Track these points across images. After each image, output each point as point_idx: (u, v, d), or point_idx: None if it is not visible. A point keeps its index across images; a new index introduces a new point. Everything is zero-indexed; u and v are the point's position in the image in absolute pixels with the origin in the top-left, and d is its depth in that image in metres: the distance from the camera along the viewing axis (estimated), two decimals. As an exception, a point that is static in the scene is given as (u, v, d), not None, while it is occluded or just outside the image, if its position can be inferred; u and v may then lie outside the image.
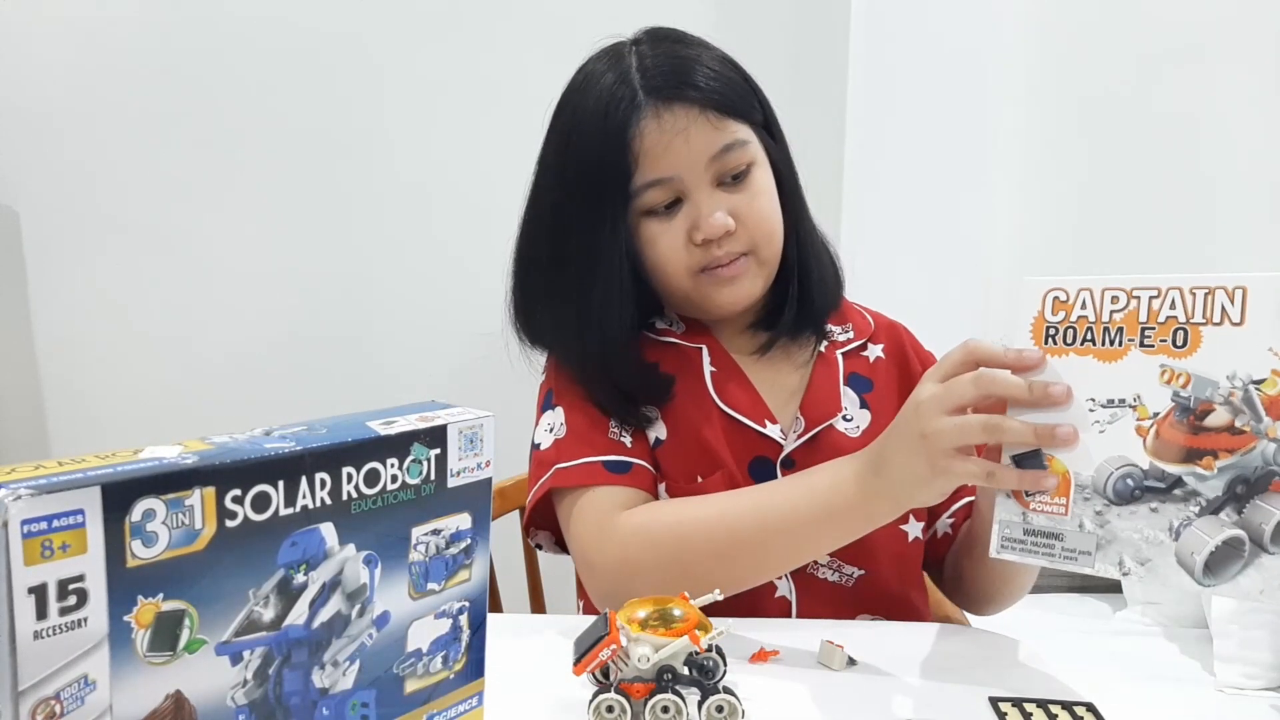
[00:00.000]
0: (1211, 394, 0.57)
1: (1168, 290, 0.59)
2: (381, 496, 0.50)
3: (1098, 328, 0.61)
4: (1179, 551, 0.57)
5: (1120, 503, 0.59)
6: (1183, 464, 0.58)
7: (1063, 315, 0.62)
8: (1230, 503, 0.56)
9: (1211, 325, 0.57)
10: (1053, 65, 1.69)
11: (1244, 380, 0.56)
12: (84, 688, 0.40)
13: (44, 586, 0.38)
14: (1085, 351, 0.61)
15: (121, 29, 1.72)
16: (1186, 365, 0.58)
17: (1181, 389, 0.58)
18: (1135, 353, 0.59)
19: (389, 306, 1.81)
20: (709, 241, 0.82)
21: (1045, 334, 0.62)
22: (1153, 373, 0.59)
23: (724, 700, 0.60)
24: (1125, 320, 0.60)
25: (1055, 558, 0.62)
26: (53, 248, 1.78)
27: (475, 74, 1.75)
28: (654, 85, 0.81)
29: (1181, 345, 0.58)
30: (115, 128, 1.75)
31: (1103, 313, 0.61)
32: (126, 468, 0.41)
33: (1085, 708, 0.64)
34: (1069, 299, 0.62)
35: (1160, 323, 0.59)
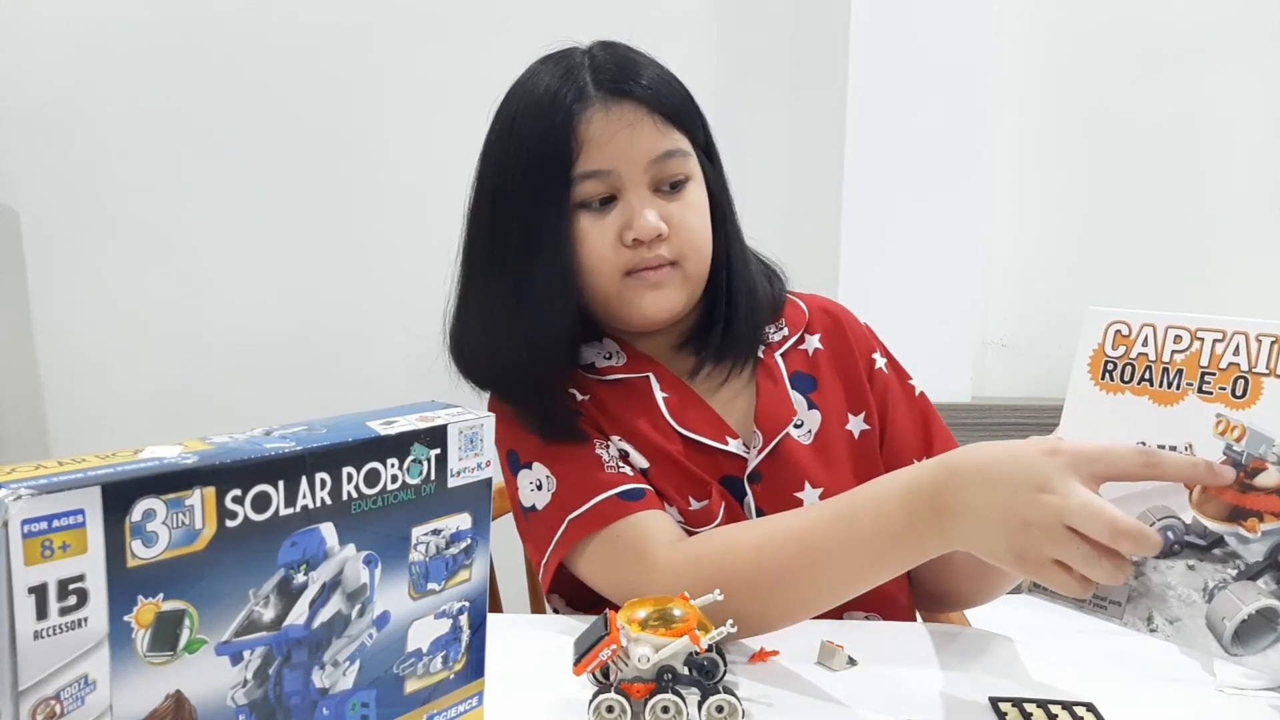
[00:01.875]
0: (1265, 451, 0.54)
1: (1233, 334, 0.55)
2: (381, 496, 0.50)
3: (1156, 367, 0.58)
4: (1210, 615, 0.55)
5: (1158, 556, 0.56)
6: (1226, 523, 0.55)
7: (1123, 350, 0.59)
8: (1270, 570, 0.54)
9: (1275, 377, 0.54)
10: (1053, 66, 1.68)
11: None
12: (84, 688, 0.40)
13: (44, 586, 0.38)
14: (1142, 391, 0.58)
15: (121, 29, 1.72)
16: (1243, 417, 0.55)
17: (1235, 442, 0.55)
18: (1192, 398, 0.56)
19: (389, 306, 1.81)
20: (639, 243, 0.80)
21: (1103, 369, 0.60)
22: (1208, 421, 0.56)
23: (724, 700, 0.60)
24: (1186, 362, 0.57)
25: (1085, 605, 0.61)
26: (53, 248, 1.78)
27: (475, 74, 1.75)
28: (603, 80, 0.80)
29: (1241, 395, 0.55)
30: (115, 128, 1.75)
31: (1164, 352, 0.58)
32: (126, 468, 0.41)
33: (1085, 708, 0.64)
34: (1131, 334, 0.59)
35: (1221, 369, 0.56)
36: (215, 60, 1.74)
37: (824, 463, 0.87)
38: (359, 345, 1.82)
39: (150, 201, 1.78)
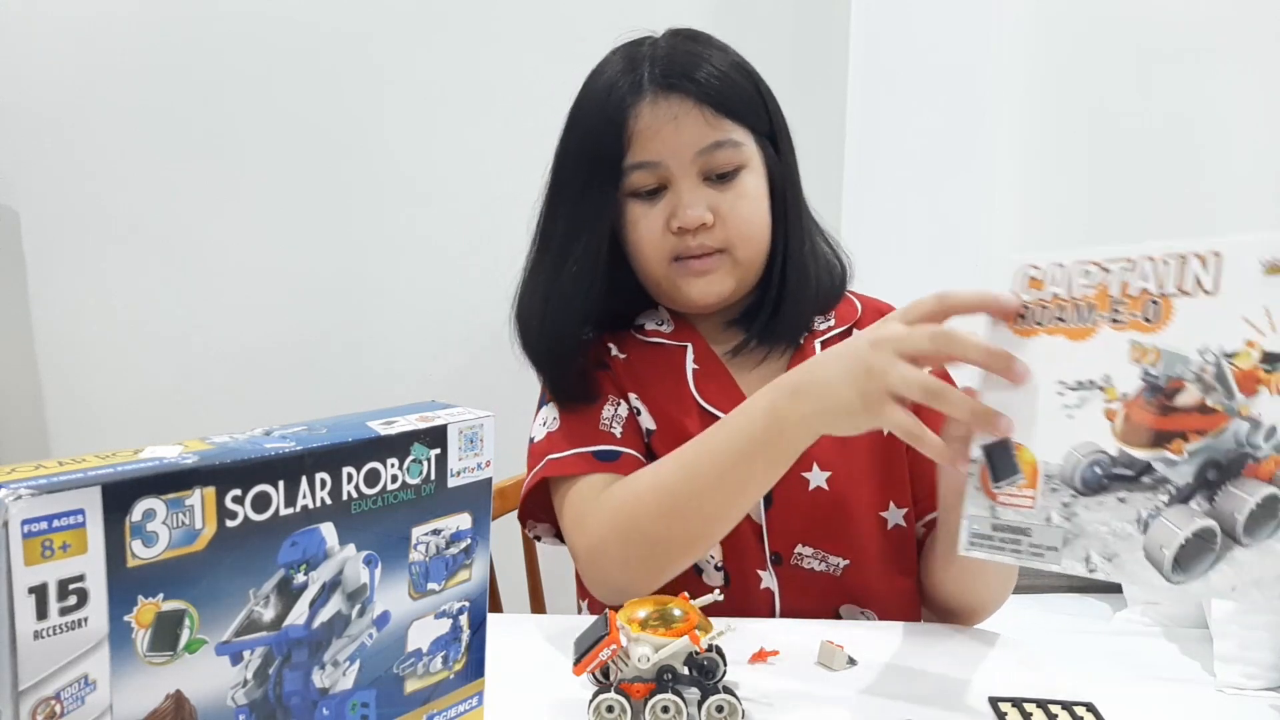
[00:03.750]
0: (1182, 371, 0.53)
1: (1140, 260, 0.55)
2: (381, 496, 0.50)
3: (1070, 306, 0.57)
4: (1147, 545, 0.53)
5: (1088, 493, 0.55)
6: (1151, 448, 0.53)
7: (1035, 295, 0.59)
8: (1201, 490, 0.52)
9: (1183, 296, 0.53)
10: (1052, 66, 1.68)
11: (1216, 354, 0.52)
12: (84, 688, 0.40)
13: (44, 586, 0.38)
14: (1056, 331, 0.57)
15: (121, 29, 1.72)
16: (1157, 340, 0.54)
17: (1151, 366, 0.54)
18: (1105, 330, 0.55)
19: (389, 306, 1.81)
20: (684, 231, 0.84)
21: (1017, 315, 0.60)
22: (1123, 351, 0.55)
23: (724, 700, 0.60)
24: (1097, 296, 0.56)
25: (1022, 554, 0.58)
26: (53, 248, 1.78)
27: (475, 74, 1.75)
28: (658, 74, 0.83)
29: (1152, 319, 0.54)
30: (115, 128, 1.75)
31: (1074, 288, 0.57)
32: (127, 468, 0.41)
33: (1085, 708, 0.64)
34: (1042, 275, 0.58)
35: (1132, 296, 0.55)
36: (216, 61, 1.74)
37: (838, 446, 0.86)
38: (359, 345, 1.82)
39: (150, 202, 1.77)
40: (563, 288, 0.86)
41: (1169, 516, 0.53)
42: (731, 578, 0.85)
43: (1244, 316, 0.51)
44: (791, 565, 0.85)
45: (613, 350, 0.92)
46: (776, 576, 0.85)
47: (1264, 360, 0.51)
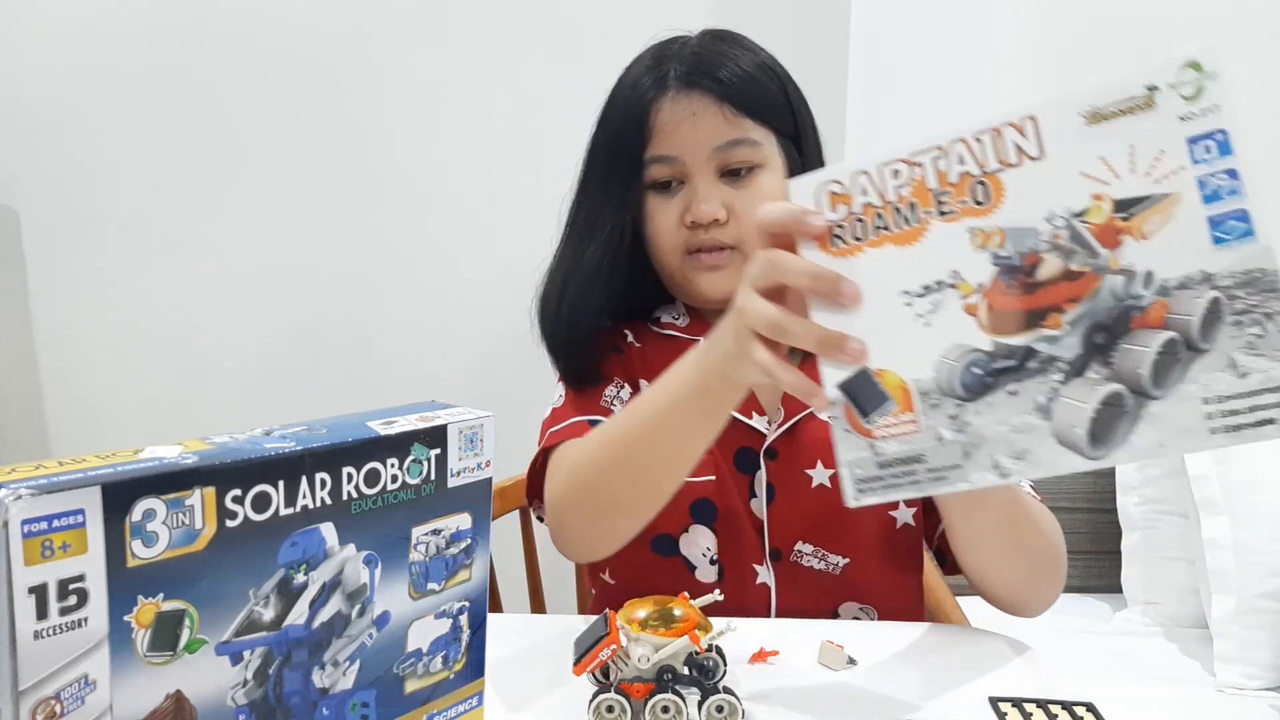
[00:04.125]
0: (1034, 243, 0.49)
1: (951, 145, 0.51)
2: (381, 496, 0.50)
3: (888, 211, 0.52)
4: (1057, 430, 0.49)
5: (974, 397, 0.51)
6: (1027, 331, 0.50)
7: (845, 210, 0.53)
8: (1094, 357, 0.49)
9: (1009, 169, 0.50)
10: (1053, 66, 1.68)
11: (1065, 217, 0.49)
12: (84, 688, 0.40)
13: (44, 586, 0.38)
14: (880, 241, 0.52)
15: (122, 29, 1.72)
16: (996, 221, 0.50)
17: (999, 249, 0.50)
18: (936, 225, 0.51)
19: (389, 306, 1.81)
20: (697, 225, 0.85)
21: (830, 237, 0.54)
22: (962, 241, 0.51)
23: (724, 700, 0.60)
24: (916, 193, 0.51)
25: (921, 484, 0.52)
26: (53, 248, 1.78)
27: (476, 74, 1.75)
28: (682, 71, 0.86)
29: (984, 201, 0.50)
30: (115, 128, 1.75)
31: (887, 191, 0.52)
32: (127, 468, 0.41)
33: (1085, 708, 0.64)
34: (846, 189, 0.53)
35: (954, 183, 0.51)
36: (215, 61, 1.74)
37: None
38: (359, 345, 1.82)
39: (151, 202, 1.77)
40: (583, 274, 0.88)
41: (1070, 394, 0.49)
42: (726, 571, 0.85)
43: (1081, 171, 0.49)
44: (791, 562, 0.85)
45: (629, 337, 0.93)
46: (774, 573, 0.85)
47: (1117, 209, 0.48)
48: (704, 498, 0.86)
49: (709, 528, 0.86)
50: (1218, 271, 0.47)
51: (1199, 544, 1.38)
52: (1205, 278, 0.47)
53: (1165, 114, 0.47)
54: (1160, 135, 0.47)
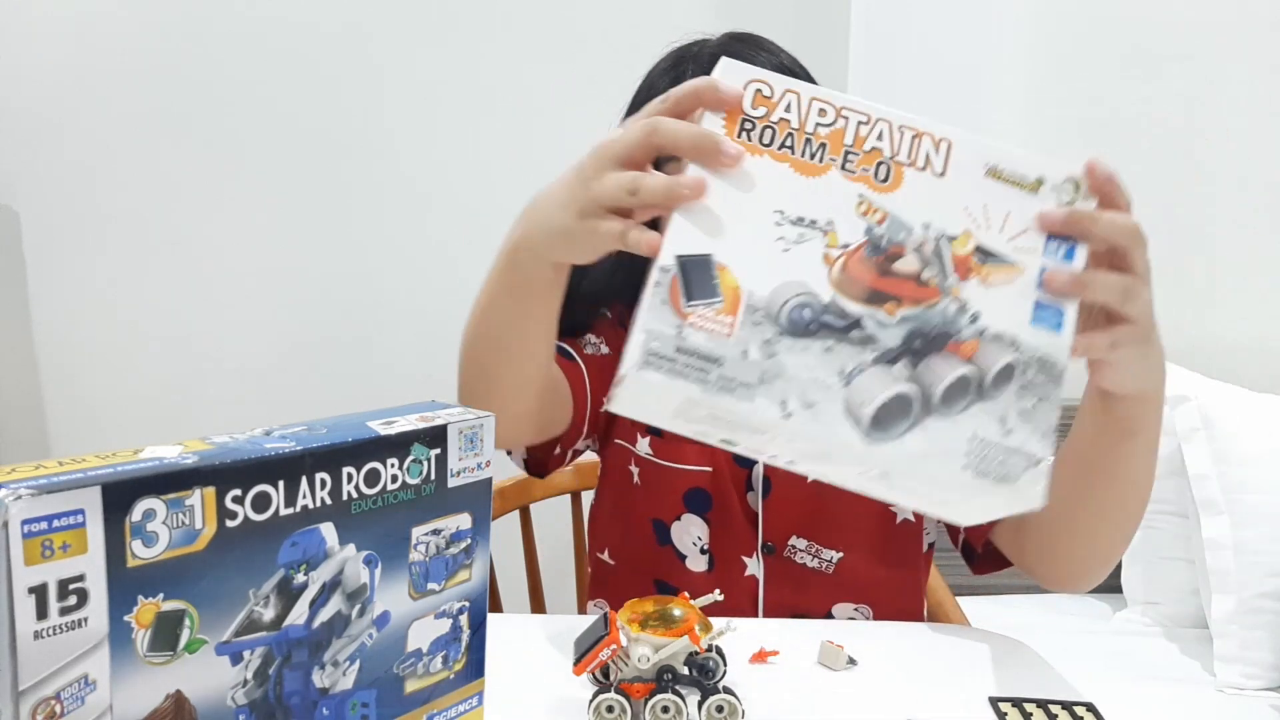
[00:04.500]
0: (905, 238, 0.53)
1: (876, 120, 0.53)
2: (381, 496, 0.50)
3: (799, 136, 0.53)
4: (848, 399, 0.51)
5: (793, 334, 0.51)
6: (866, 304, 0.52)
7: (764, 111, 0.53)
8: (906, 356, 0.52)
9: (915, 169, 0.53)
10: (1052, 66, 1.68)
11: (938, 232, 0.53)
12: (84, 688, 0.40)
13: (44, 586, 0.38)
14: (783, 158, 0.53)
15: (122, 29, 1.72)
16: (886, 202, 0.53)
17: (877, 224, 0.53)
18: (836, 173, 0.53)
19: (389, 306, 1.81)
20: None
21: (740, 126, 0.53)
22: (850, 200, 0.53)
23: (724, 700, 0.60)
24: (830, 137, 0.53)
25: (708, 384, 0.50)
26: (53, 248, 1.78)
27: (475, 74, 1.75)
28: (699, 71, 0.86)
29: (884, 180, 0.53)
30: (115, 128, 1.75)
31: (808, 122, 0.53)
32: (127, 468, 0.41)
33: (1085, 708, 0.64)
34: (773, 95, 0.54)
35: (865, 151, 0.53)
36: (215, 61, 1.74)
37: None
38: (359, 345, 1.82)
39: (151, 202, 1.77)
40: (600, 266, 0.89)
41: (873, 375, 0.51)
42: (716, 561, 0.86)
43: (965, 206, 0.53)
44: (784, 557, 0.85)
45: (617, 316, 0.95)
46: (764, 566, 0.86)
47: (978, 252, 0.53)
48: (698, 487, 0.86)
49: (701, 517, 0.86)
50: (1024, 343, 0.53)
51: (1199, 544, 1.38)
52: (1013, 343, 0.52)
53: (1040, 203, 0.54)
54: (1031, 217, 0.54)
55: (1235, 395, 1.47)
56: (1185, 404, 1.44)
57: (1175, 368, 1.53)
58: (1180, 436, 1.43)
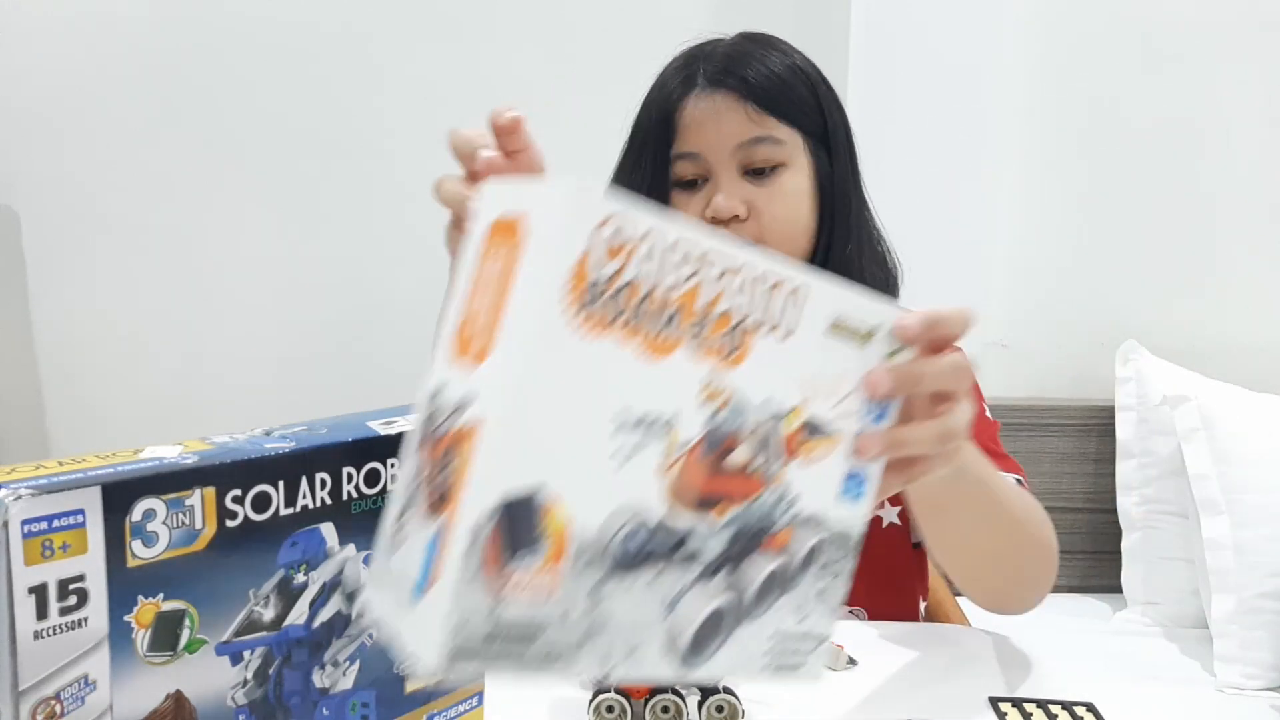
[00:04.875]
0: (741, 425, 0.43)
1: (738, 269, 0.42)
2: (382, 496, 0.50)
3: (653, 301, 0.40)
4: (670, 629, 0.43)
5: (623, 569, 0.41)
6: (696, 510, 0.43)
7: (617, 266, 0.38)
8: (727, 564, 0.44)
9: (764, 332, 0.43)
10: (1054, 66, 1.68)
11: (773, 411, 0.44)
12: (84, 688, 0.40)
13: (44, 586, 0.38)
14: (633, 334, 0.39)
15: (122, 29, 1.72)
16: (730, 381, 0.42)
17: (718, 412, 0.43)
18: (685, 351, 0.41)
19: (389, 306, 1.81)
20: (717, 221, 0.86)
21: (587, 293, 0.37)
22: (696, 385, 0.42)
23: (724, 700, 0.60)
24: (685, 300, 0.40)
25: (525, 663, 0.39)
26: (53, 248, 1.78)
27: (474, 74, 1.75)
28: (710, 70, 0.87)
29: (732, 353, 0.42)
30: (116, 128, 1.75)
31: (664, 278, 0.40)
32: (127, 468, 0.41)
33: (1085, 708, 0.64)
34: (630, 244, 0.38)
35: (718, 316, 0.42)
36: (216, 61, 1.74)
37: None
38: (360, 345, 1.82)
39: (151, 202, 1.77)
40: None
41: (694, 596, 0.43)
42: None
43: (803, 373, 0.45)
44: None
45: None
46: None
47: (805, 427, 0.45)
48: None
49: None
50: (829, 520, 0.46)
51: (1199, 544, 1.38)
52: (820, 522, 0.46)
53: (867, 358, 0.47)
54: (858, 375, 0.47)
55: (1235, 395, 1.47)
56: (1185, 404, 1.44)
57: (1175, 368, 1.53)
58: (1180, 436, 1.43)
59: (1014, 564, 0.77)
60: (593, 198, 0.38)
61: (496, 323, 0.38)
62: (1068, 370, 1.71)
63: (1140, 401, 1.53)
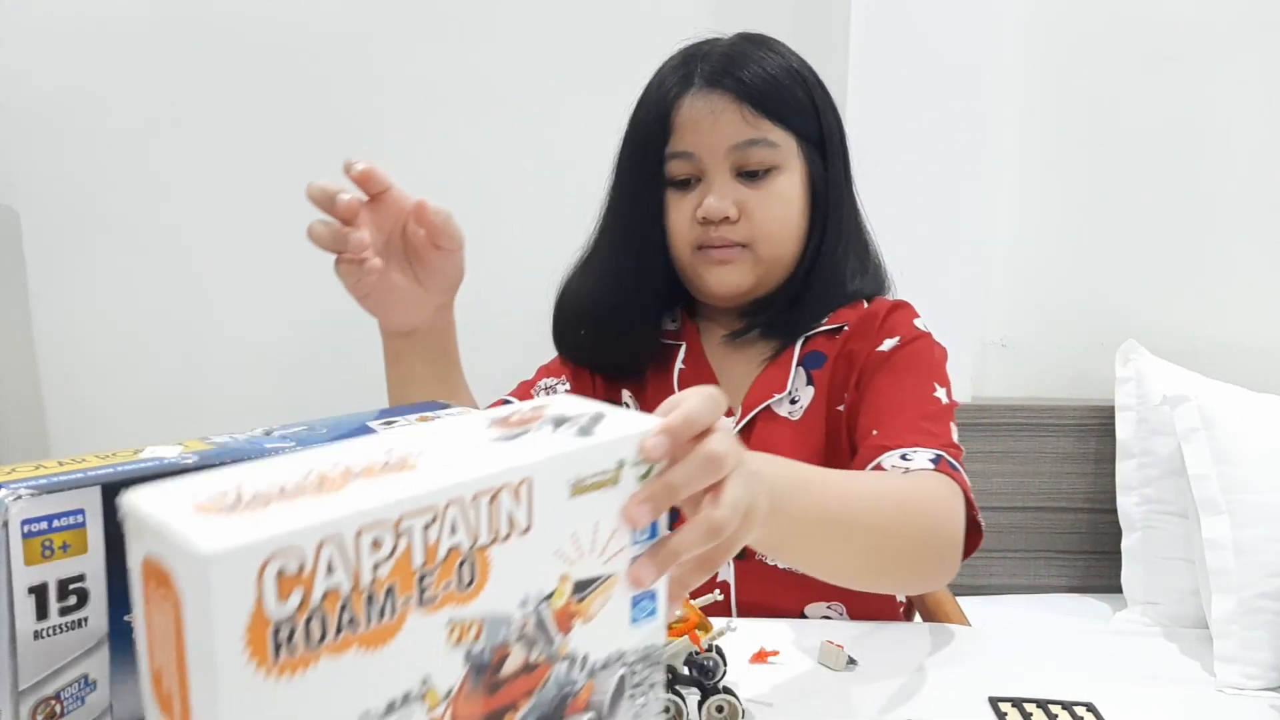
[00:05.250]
0: (506, 634, 0.42)
1: (447, 508, 0.39)
2: (381, 496, 0.50)
3: (357, 599, 0.37)
4: None
5: None
6: None
7: (299, 597, 0.35)
8: None
9: (499, 543, 0.41)
10: (1054, 66, 1.68)
11: (536, 601, 0.43)
12: (84, 688, 0.40)
13: (44, 586, 0.38)
14: (346, 644, 0.37)
15: (123, 29, 1.72)
16: (477, 609, 0.41)
17: (474, 643, 0.41)
18: (415, 618, 0.39)
19: (389, 306, 1.81)
20: (708, 222, 0.86)
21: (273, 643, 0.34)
22: (439, 635, 0.40)
23: (724, 700, 0.60)
24: (397, 571, 0.38)
25: None
26: (53, 248, 1.78)
27: (473, 75, 1.75)
28: (706, 70, 0.87)
29: (470, 584, 0.41)
30: (116, 128, 1.75)
31: (363, 573, 0.37)
32: (127, 467, 0.41)
33: (1085, 708, 0.64)
34: (305, 567, 0.35)
35: (442, 560, 0.39)
36: (216, 61, 1.74)
37: (800, 441, 0.88)
38: (360, 345, 1.81)
39: (151, 202, 1.77)
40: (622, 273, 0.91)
41: None
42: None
43: (556, 550, 0.43)
44: (755, 560, 0.85)
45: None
46: (735, 569, 0.86)
47: (575, 591, 0.44)
48: None
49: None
50: (629, 649, 0.46)
51: (1199, 544, 1.38)
52: (619, 655, 0.46)
53: (624, 491, 0.45)
54: (617, 513, 0.45)
55: (1235, 395, 1.47)
56: (1185, 404, 1.44)
57: (1175, 368, 1.53)
58: (1180, 436, 1.43)
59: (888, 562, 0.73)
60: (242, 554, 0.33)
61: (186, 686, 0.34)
62: (1068, 370, 1.71)
63: (1140, 401, 1.53)
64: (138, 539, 0.35)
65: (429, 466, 0.40)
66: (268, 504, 0.35)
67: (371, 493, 0.37)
